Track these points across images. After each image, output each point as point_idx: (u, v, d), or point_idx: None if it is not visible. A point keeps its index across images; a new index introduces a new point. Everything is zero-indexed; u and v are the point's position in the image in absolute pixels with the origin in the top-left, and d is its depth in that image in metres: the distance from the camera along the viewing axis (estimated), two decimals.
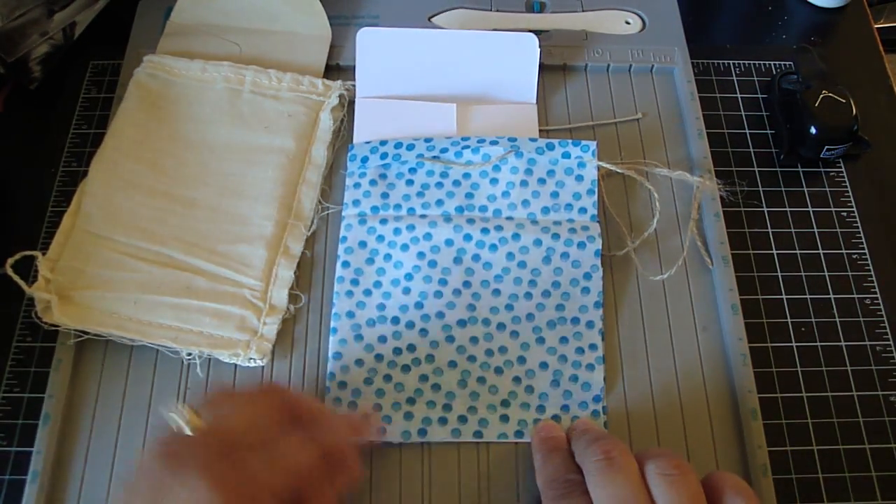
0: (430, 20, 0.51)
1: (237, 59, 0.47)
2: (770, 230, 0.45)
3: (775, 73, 0.50)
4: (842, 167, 0.47)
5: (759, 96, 0.50)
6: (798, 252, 0.44)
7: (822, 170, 0.47)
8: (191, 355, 0.39)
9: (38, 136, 0.47)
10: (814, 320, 0.42)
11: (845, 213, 0.46)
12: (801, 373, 0.41)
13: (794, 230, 0.45)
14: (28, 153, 0.47)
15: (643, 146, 0.47)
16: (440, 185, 0.44)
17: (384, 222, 0.42)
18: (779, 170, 0.47)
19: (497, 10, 0.51)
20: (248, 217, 0.43)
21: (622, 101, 0.48)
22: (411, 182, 0.44)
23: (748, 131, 0.48)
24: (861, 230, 0.45)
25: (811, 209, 0.46)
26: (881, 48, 0.53)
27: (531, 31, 0.47)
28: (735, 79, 0.50)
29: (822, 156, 0.46)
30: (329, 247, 0.43)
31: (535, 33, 0.46)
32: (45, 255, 0.40)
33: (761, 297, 0.43)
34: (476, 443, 0.38)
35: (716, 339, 0.41)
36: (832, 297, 0.43)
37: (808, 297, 0.43)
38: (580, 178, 0.44)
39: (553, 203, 0.43)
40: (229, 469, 0.28)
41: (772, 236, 0.45)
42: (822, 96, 0.46)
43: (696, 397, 0.40)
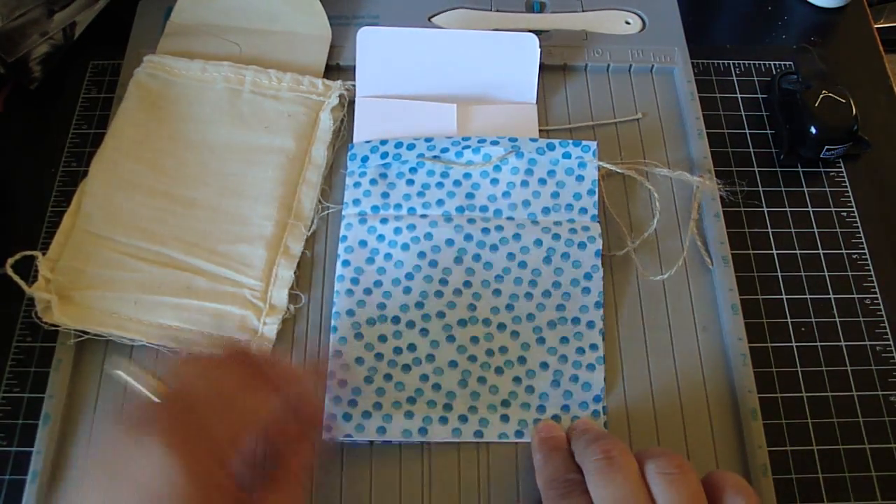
0: (430, 20, 0.51)
1: (237, 59, 0.47)
2: (770, 230, 0.45)
3: (775, 73, 0.50)
4: (842, 167, 0.47)
5: (759, 96, 0.50)
6: (798, 252, 0.44)
7: (822, 170, 0.47)
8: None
9: (38, 136, 0.47)
10: (814, 320, 0.42)
11: (845, 213, 0.46)
12: (801, 373, 0.41)
13: (794, 230, 0.45)
14: (28, 153, 0.47)
15: (643, 146, 0.47)
16: (441, 185, 0.44)
17: (385, 222, 0.42)
18: (779, 170, 0.47)
19: (497, 10, 0.51)
20: (248, 217, 0.43)
21: (622, 101, 0.48)
22: (412, 182, 0.44)
23: (748, 131, 0.48)
24: (861, 230, 0.45)
25: (811, 209, 0.46)
26: (881, 48, 0.53)
27: (531, 31, 0.47)
28: (735, 79, 0.50)
29: (822, 156, 0.46)
30: (329, 247, 0.43)
31: (535, 33, 0.46)
32: (45, 255, 0.40)
33: (761, 297, 0.43)
34: (476, 443, 0.38)
35: (716, 339, 0.41)
36: (832, 297, 0.43)
37: (808, 297, 0.43)
38: (580, 179, 0.44)
39: (553, 203, 0.43)
40: (193, 434, 0.27)
41: (772, 236, 0.45)
42: (822, 96, 0.46)
43: (696, 397, 0.40)
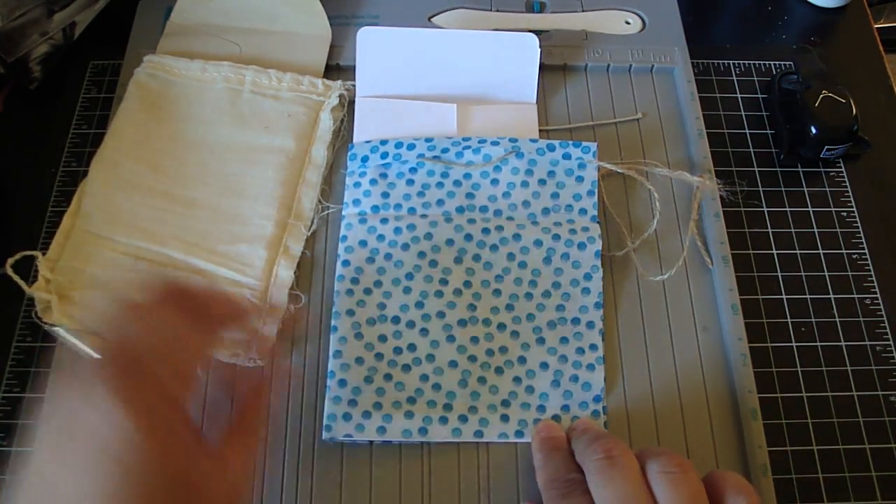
0: (430, 20, 0.51)
1: (237, 59, 0.47)
2: (770, 230, 0.45)
3: (775, 73, 0.50)
4: (842, 167, 0.47)
5: (759, 96, 0.50)
6: (798, 252, 0.44)
7: (822, 170, 0.47)
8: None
9: (38, 136, 0.47)
10: (814, 320, 0.42)
11: (845, 213, 0.46)
12: (801, 373, 0.41)
13: (794, 230, 0.45)
14: (28, 153, 0.47)
15: (643, 146, 0.47)
16: (441, 185, 0.44)
17: (385, 222, 0.42)
18: (779, 170, 0.47)
19: (497, 10, 0.51)
20: (248, 217, 0.42)
21: (622, 101, 0.48)
22: (412, 182, 0.44)
23: (748, 131, 0.48)
24: (861, 230, 0.45)
25: (811, 209, 0.46)
26: (881, 48, 0.53)
27: (531, 31, 0.47)
28: (735, 79, 0.50)
29: (822, 156, 0.46)
30: (329, 247, 0.43)
31: (535, 33, 0.46)
32: (45, 255, 0.40)
33: (761, 297, 0.43)
34: (476, 443, 0.38)
35: (716, 339, 0.41)
36: (832, 297, 0.43)
37: (808, 297, 0.43)
38: (580, 179, 0.44)
39: (553, 204, 0.43)
40: (141, 383, 0.27)
41: (772, 236, 0.45)
42: (822, 96, 0.46)
43: (696, 397, 0.40)
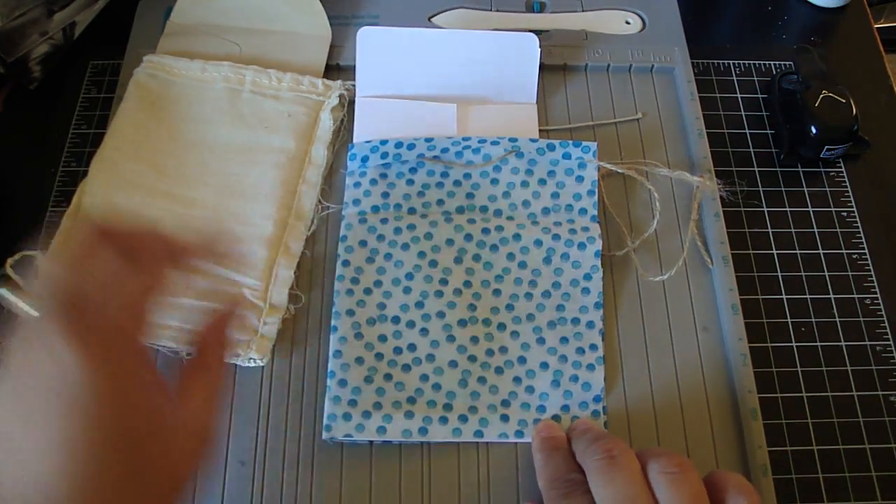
0: (430, 20, 0.51)
1: (237, 59, 0.47)
2: (770, 230, 0.45)
3: (775, 73, 0.50)
4: (842, 167, 0.47)
5: (759, 96, 0.50)
6: (798, 252, 0.44)
7: (822, 170, 0.47)
8: (191, 355, 0.39)
9: (38, 136, 0.47)
10: (814, 320, 0.42)
11: (845, 213, 0.46)
12: (801, 373, 0.41)
13: (794, 230, 0.45)
14: (28, 153, 0.47)
15: (643, 146, 0.47)
16: (441, 185, 0.44)
17: (385, 221, 0.42)
18: (779, 170, 0.47)
19: (497, 10, 0.51)
20: (248, 217, 0.42)
21: (622, 101, 0.48)
22: (412, 182, 0.44)
23: (748, 131, 0.48)
24: (861, 230, 0.45)
25: (811, 209, 0.46)
26: (881, 48, 0.53)
27: (531, 31, 0.47)
28: (735, 79, 0.50)
29: (822, 156, 0.46)
30: (329, 246, 0.43)
31: (536, 33, 0.46)
32: (45, 255, 0.40)
33: (761, 297, 0.43)
34: (476, 443, 0.38)
35: (716, 339, 0.41)
36: (832, 297, 0.43)
37: (808, 297, 0.43)
38: (580, 179, 0.44)
39: (553, 204, 0.43)
40: (90, 328, 0.26)
41: (772, 236, 0.45)
42: (822, 96, 0.46)
43: (696, 397, 0.40)
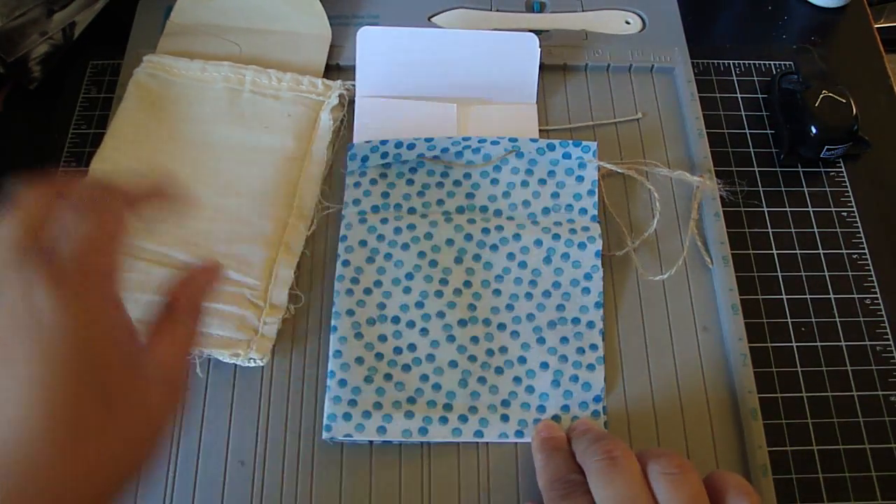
0: (430, 20, 0.51)
1: (237, 59, 0.47)
2: (770, 230, 0.45)
3: (775, 73, 0.50)
4: (842, 167, 0.47)
5: (759, 96, 0.50)
6: (798, 252, 0.44)
7: (822, 170, 0.47)
8: (190, 355, 0.39)
9: (38, 136, 0.47)
10: (814, 320, 0.42)
11: (845, 213, 0.46)
12: (801, 373, 0.41)
13: (794, 230, 0.45)
14: (28, 153, 0.47)
15: (643, 146, 0.47)
16: (441, 185, 0.44)
17: (385, 221, 0.42)
18: (779, 170, 0.47)
19: (497, 10, 0.51)
20: (248, 216, 0.42)
21: (622, 101, 0.48)
22: (412, 181, 0.44)
23: (748, 131, 0.48)
24: (861, 230, 0.45)
25: (811, 209, 0.46)
26: (881, 48, 0.53)
27: (531, 31, 0.47)
28: (735, 79, 0.50)
29: (822, 156, 0.46)
30: (329, 246, 0.43)
31: (535, 33, 0.46)
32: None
33: (761, 297, 0.43)
34: (476, 443, 0.38)
35: (716, 339, 0.41)
36: (832, 297, 0.43)
37: (808, 297, 0.43)
38: (580, 179, 0.44)
39: (553, 203, 0.43)
40: (61, 271, 0.25)
41: (772, 236, 0.45)
42: (822, 96, 0.46)
43: (696, 397, 0.40)
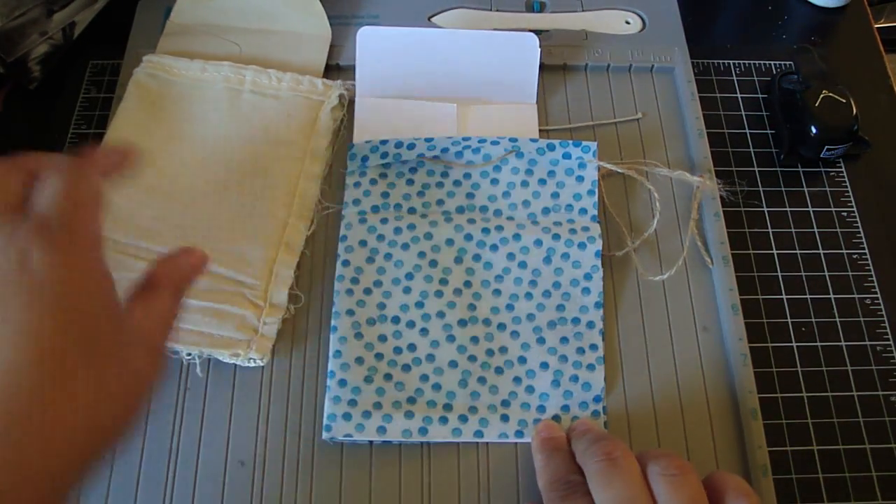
0: (430, 20, 0.51)
1: (237, 59, 0.47)
2: (770, 230, 0.45)
3: (775, 73, 0.50)
4: (842, 167, 0.47)
5: (759, 96, 0.50)
6: (798, 252, 0.44)
7: (822, 170, 0.47)
8: (190, 355, 0.39)
9: (38, 136, 0.47)
10: (814, 320, 0.42)
11: (845, 213, 0.46)
12: (801, 373, 0.41)
13: (794, 230, 0.45)
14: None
15: (643, 146, 0.47)
16: (441, 185, 0.44)
17: (385, 221, 0.42)
18: (779, 170, 0.47)
19: (497, 10, 0.51)
20: (248, 216, 0.42)
21: (622, 101, 0.48)
22: (412, 181, 0.44)
23: (748, 131, 0.48)
24: (861, 230, 0.45)
25: (811, 209, 0.46)
26: (881, 48, 0.53)
27: (531, 31, 0.47)
28: (735, 79, 0.50)
29: (822, 156, 0.46)
30: (329, 246, 0.43)
31: (535, 33, 0.46)
32: None
33: (761, 297, 0.43)
34: (476, 443, 0.38)
35: (716, 339, 0.41)
36: (832, 297, 0.43)
37: (808, 297, 0.43)
38: (580, 179, 0.44)
39: (553, 203, 0.43)
40: (45, 226, 0.27)
41: (772, 236, 0.45)
42: (822, 96, 0.46)
43: (696, 397, 0.40)
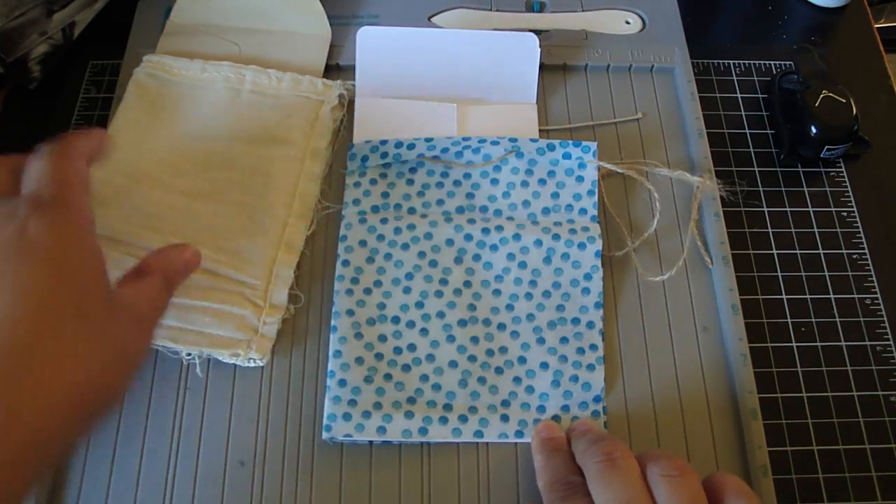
0: (429, 20, 0.51)
1: (237, 59, 0.47)
2: (770, 230, 0.45)
3: (775, 73, 0.50)
4: (842, 167, 0.47)
5: (759, 96, 0.50)
6: (798, 252, 0.44)
7: (822, 170, 0.47)
8: (190, 355, 0.39)
9: (37, 136, 0.47)
10: (814, 320, 0.42)
11: (845, 213, 0.46)
12: (801, 373, 0.41)
13: (794, 230, 0.45)
14: (28, 153, 0.47)
15: (643, 146, 0.47)
16: (441, 185, 0.44)
17: (384, 221, 0.42)
18: (779, 170, 0.47)
19: (497, 10, 0.51)
20: (248, 216, 0.42)
21: (622, 101, 0.48)
22: (412, 181, 0.44)
23: (748, 131, 0.48)
24: (861, 230, 0.45)
25: (811, 209, 0.46)
26: (881, 48, 0.53)
27: (531, 31, 0.47)
28: (735, 79, 0.50)
29: (822, 156, 0.46)
30: (329, 246, 0.43)
31: (535, 33, 0.46)
32: None
33: (761, 297, 0.43)
34: (476, 443, 0.38)
35: (716, 339, 0.41)
36: (832, 297, 0.43)
37: (808, 297, 0.43)
38: (580, 179, 0.44)
39: (553, 204, 0.43)
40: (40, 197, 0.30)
41: (772, 236, 0.45)
42: (822, 96, 0.46)
43: (696, 397, 0.40)
